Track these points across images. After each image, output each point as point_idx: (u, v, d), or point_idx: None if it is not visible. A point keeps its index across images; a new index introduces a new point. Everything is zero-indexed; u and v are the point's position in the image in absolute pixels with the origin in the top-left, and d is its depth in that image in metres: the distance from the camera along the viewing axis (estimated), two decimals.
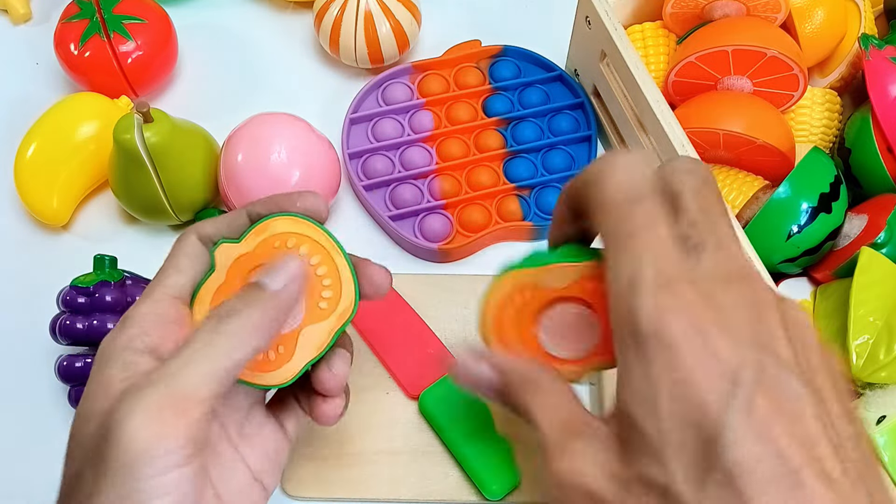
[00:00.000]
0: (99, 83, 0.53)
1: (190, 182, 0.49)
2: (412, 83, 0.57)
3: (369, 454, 0.45)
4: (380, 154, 0.54)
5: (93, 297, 0.44)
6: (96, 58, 0.52)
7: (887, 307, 0.42)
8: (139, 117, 0.45)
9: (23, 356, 0.49)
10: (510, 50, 0.58)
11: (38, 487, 0.45)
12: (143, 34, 0.53)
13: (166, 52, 0.55)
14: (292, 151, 0.48)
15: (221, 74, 0.59)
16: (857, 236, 0.46)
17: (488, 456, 0.44)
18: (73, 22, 0.52)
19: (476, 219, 0.51)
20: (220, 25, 0.61)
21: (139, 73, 0.53)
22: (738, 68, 0.49)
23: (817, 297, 0.46)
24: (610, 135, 0.55)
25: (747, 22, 0.50)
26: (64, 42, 0.53)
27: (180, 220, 0.50)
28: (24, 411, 0.48)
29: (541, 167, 0.54)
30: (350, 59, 0.56)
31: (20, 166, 0.50)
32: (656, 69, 0.53)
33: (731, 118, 0.48)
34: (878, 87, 0.47)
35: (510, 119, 0.55)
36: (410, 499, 0.44)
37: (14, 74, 0.59)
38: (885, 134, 0.47)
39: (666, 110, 0.46)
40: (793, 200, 0.45)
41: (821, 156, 0.47)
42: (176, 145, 0.47)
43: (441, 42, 0.59)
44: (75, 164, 0.50)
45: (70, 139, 0.50)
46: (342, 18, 0.54)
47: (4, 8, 0.61)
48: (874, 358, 0.40)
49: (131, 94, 0.54)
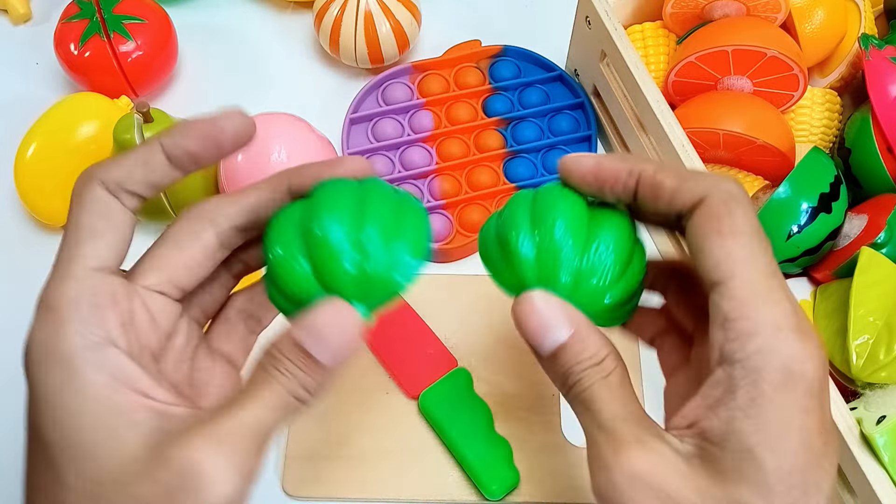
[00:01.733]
0: (99, 83, 0.54)
1: (190, 182, 0.49)
2: (412, 83, 0.57)
3: (369, 454, 0.45)
4: (380, 154, 0.54)
5: None
6: (96, 58, 0.52)
7: (887, 307, 0.41)
8: (139, 117, 0.45)
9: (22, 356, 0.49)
10: (510, 50, 0.58)
11: None
12: (143, 34, 0.53)
13: (166, 52, 0.55)
14: (292, 151, 0.48)
15: (221, 74, 0.59)
16: (857, 236, 0.46)
17: (488, 456, 0.44)
18: (73, 22, 0.53)
19: (476, 219, 0.51)
20: (219, 25, 0.61)
21: (139, 73, 0.53)
22: (738, 68, 0.49)
23: (817, 297, 0.46)
24: (610, 135, 0.55)
25: (747, 22, 0.50)
26: (64, 42, 0.53)
27: None
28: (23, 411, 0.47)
29: (541, 167, 0.54)
30: (350, 59, 0.56)
31: (20, 166, 0.50)
32: (656, 69, 0.53)
33: (731, 118, 0.48)
34: (878, 87, 0.47)
35: (510, 119, 0.55)
36: (410, 499, 0.44)
37: (14, 74, 0.59)
38: (885, 134, 0.47)
39: (666, 110, 0.46)
40: (793, 200, 0.45)
41: (821, 156, 0.47)
42: None
43: (441, 42, 0.59)
44: (75, 164, 0.50)
45: (70, 139, 0.50)
46: (342, 18, 0.54)
47: (4, 8, 0.61)
48: (874, 358, 0.40)
49: (131, 94, 0.54)
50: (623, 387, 0.27)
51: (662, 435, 0.26)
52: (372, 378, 0.47)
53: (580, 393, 0.27)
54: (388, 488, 0.44)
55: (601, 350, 0.27)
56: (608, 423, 0.26)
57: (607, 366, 0.27)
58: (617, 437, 0.25)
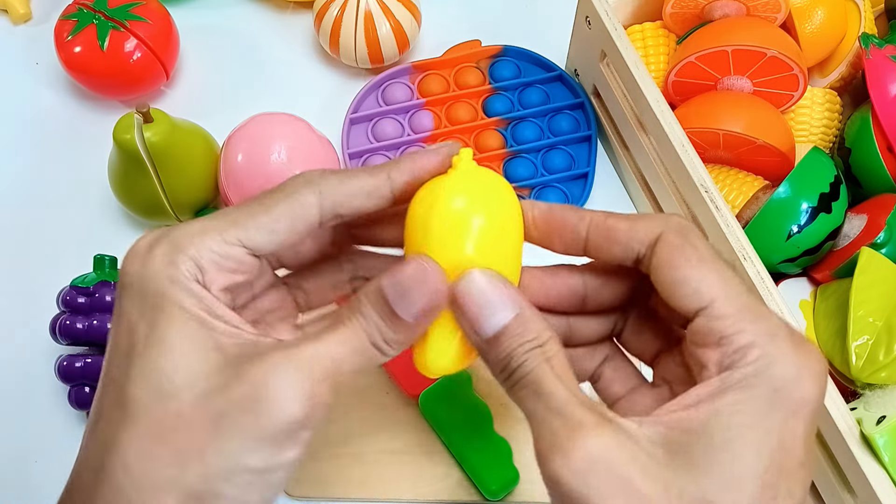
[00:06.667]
0: (99, 83, 0.53)
1: (190, 182, 0.49)
2: (412, 83, 0.57)
3: (369, 454, 0.45)
4: (380, 154, 0.54)
5: (93, 297, 0.44)
6: (96, 58, 0.52)
7: (887, 307, 0.41)
8: (139, 117, 0.45)
9: (23, 356, 0.49)
10: (510, 50, 0.58)
11: (38, 487, 0.45)
12: (145, 34, 0.53)
13: (167, 52, 0.55)
14: (292, 151, 0.48)
15: (221, 74, 0.59)
16: (857, 236, 0.46)
17: (488, 456, 0.44)
18: (73, 21, 0.52)
19: None
20: (220, 25, 0.61)
21: (140, 72, 0.53)
22: (738, 68, 0.49)
23: (817, 297, 0.46)
24: (610, 135, 0.55)
25: (747, 22, 0.50)
26: (64, 42, 0.53)
27: (180, 220, 0.50)
28: (24, 411, 0.48)
29: (541, 167, 0.54)
30: (350, 59, 0.56)
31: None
32: (656, 69, 0.53)
33: (731, 118, 0.48)
34: (878, 85, 0.47)
35: (510, 119, 0.55)
36: (410, 499, 0.44)
37: (14, 74, 0.59)
38: (885, 133, 0.47)
39: (666, 110, 0.46)
40: (793, 200, 0.45)
41: (821, 156, 0.47)
42: (176, 145, 0.47)
43: (441, 42, 0.59)
44: None
45: None
46: (342, 18, 0.54)
47: (4, 8, 0.61)
48: (874, 358, 0.40)
49: (132, 94, 0.54)
50: (568, 370, 0.26)
51: (618, 419, 0.25)
52: (372, 378, 0.47)
53: (525, 375, 0.26)
54: (388, 488, 0.44)
55: (544, 332, 0.27)
56: (563, 407, 0.25)
57: (551, 347, 0.27)
58: (574, 420, 0.25)
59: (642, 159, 0.51)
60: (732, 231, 0.42)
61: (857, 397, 0.41)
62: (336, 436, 0.45)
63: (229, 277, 0.28)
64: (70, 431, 0.47)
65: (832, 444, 0.39)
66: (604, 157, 0.56)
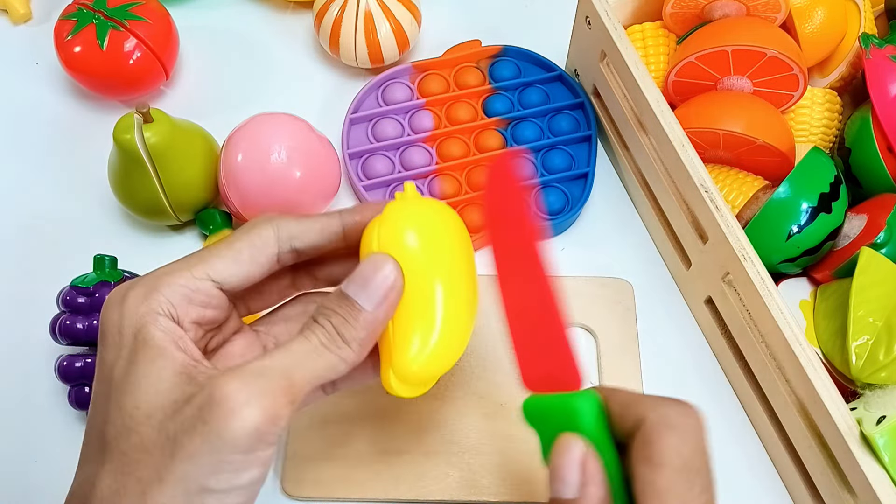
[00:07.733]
0: (98, 83, 0.53)
1: (190, 182, 0.49)
2: (412, 83, 0.57)
3: (369, 454, 0.45)
4: (380, 154, 0.54)
5: (93, 297, 0.44)
6: (96, 57, 0.52)
7: (887, 307, 0.41)
8: (139, 117, 0.45)
9: (23, 356, 0.49)
10: (510, 50, 0.58)
11: (37, 487, 0.45)
12: (145, 33, 0.53)
13: (167, 52, 0.55)
14: (292, 151, 0.48)
15: (221, 74, 0.59)
16: (857, 236, 0.46)
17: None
18: (72, 21, 0.52)
19: (476, 219, 0.51)
20: (220, 25, 0.61)
21: (139, 72, 0.53)
22: (738, 68, 0.49)
23: (817, 297, 0.46)
24: (610, 135, 0.55)
25: (747, 22, 0.50)
26: (64, 41, 0.53)
27: (180, 220, 0.50)
28: (24, 411, 0.48)
29: (541, 167, 0.54)
30: (350, 59, 0.56)
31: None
32: (656, 69, 0.53)
33: (731, 118, 0.48)
34: (878, 85, 0.47)
35: (510, 119, 0.55)
36: (410, 499, 0.44)
37: (14, 74, 0.59)
38: (885, 133, 0.47)
39: (666, 110, 0.46)
40: (793, 200, 0.45)
41: (821, 156, 0.47)
42: (176, 145, 0.47)
43: (441, 42, 0.59)
44: None
45: None
46: (342, 18, 0.54)
47: (4, 8, 0.61)
48: (874, 358, 0.40)
49: (131, 94, 0.54)
50: None
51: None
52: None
53: None
54: (387, 488, 0.44)
55: None
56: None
57: None
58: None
59: (642, 159, 0.51)
60: (732, 231, 0.42)
61: (857, 397, 0.41)
62: (336, 436, 0.45)
63: (199, 312, 0.31)
64: (70, 431, 0.47)
65: (832, 444, 0.39)
66: (604, 157, 0.56)
